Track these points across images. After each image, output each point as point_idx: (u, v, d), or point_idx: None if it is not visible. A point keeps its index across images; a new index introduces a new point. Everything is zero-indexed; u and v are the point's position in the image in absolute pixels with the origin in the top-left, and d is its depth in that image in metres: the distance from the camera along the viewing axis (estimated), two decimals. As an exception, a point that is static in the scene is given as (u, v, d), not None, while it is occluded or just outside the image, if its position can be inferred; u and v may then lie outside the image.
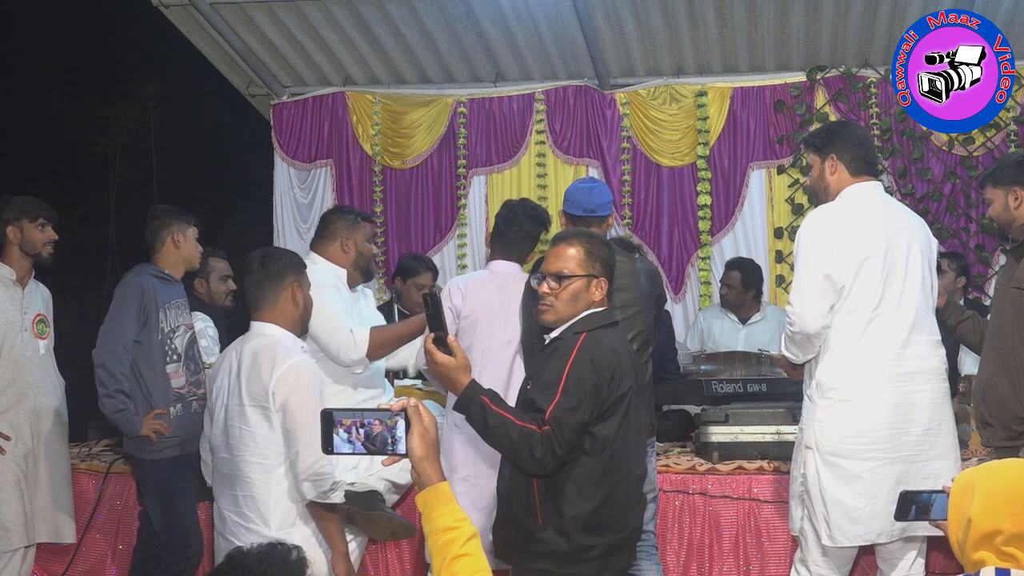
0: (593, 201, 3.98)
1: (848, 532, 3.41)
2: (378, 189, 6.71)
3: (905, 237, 3.56)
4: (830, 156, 3.62)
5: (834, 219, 3.55)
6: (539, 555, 2.86)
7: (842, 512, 3.41)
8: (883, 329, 3.45)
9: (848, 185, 3.59)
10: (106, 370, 3.96)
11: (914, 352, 3.48)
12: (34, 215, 4.27)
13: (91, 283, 10.81)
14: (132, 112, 11.52)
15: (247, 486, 3.31)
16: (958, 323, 3.89)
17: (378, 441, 2.08)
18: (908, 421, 3.42)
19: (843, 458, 3.40)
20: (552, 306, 2.94)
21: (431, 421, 2.10)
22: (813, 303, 3.45)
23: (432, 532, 2.06)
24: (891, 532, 3.42)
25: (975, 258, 6.05)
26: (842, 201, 3.59)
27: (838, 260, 3.45)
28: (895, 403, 3.41)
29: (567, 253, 2.98)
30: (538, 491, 2.84)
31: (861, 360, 3.43)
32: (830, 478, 3.42)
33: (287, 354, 3.30)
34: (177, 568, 4.06)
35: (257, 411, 3.29)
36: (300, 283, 3.44)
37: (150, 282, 4.10)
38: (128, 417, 3.97)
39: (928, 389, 3.48)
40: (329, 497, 3.25)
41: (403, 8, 5.94)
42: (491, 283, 3.97)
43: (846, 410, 3.42)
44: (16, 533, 4.18)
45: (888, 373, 3.43)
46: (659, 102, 6.42)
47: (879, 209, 3.60)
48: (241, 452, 3.32)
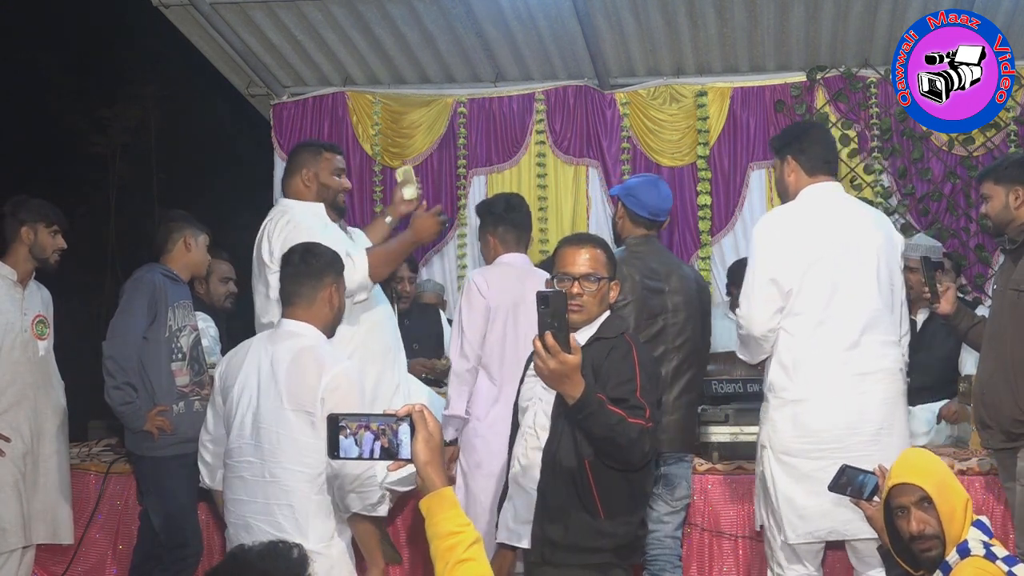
0: (665, 207, 4.02)
1: (798, 529, 3.46)
2: (378, 189, 6.71)
3: (861, 237, 3.56)
4: (787, 158, 3.68)
5: (785, 221, 3.59)
6: (601, 549, 2.88)
7: (792, 510, 3.45)
8: (833, 330, 3.47)
9: (805, 186, 3.63)
10: (115, 362, 3.98)
11: (866, 353, 3.48)
12: (50, 220, 4.29)
13: (91, 283, 10.80)
14: (132, 112, 11.52)
15: (285, 494, 3.16)
16: (969, 328, 3.88)
17: (383, 445, 2.08)
18: (859, 421, 3.43)
19: (793, 457, 3.46)
20: (584, 306, 2.99)
21: (436, 426, 2.10)
22: (759, 306, 3.50)
23: (435, 537, 2.06)
24: (842, 531, 3.45)
25: (975, 258, 6.05)
26: (797, 202, 3.63)
27: (785, 264, 3.48)
28: (845, 403, 3.43)
29: (593, 254, 3.04)
30: (595, 484, 2.86)
31: (811, 361, 3.46)
32: (782, 476, 3.48)
33: (334, 359, 3.21)
34: (177, 568, 4.07)
35: (301, 416, 3.16)
36: (339, 285, 3.34)
37: (160, 280, 4.14)
38: (134, 410, 3.99)
39: (880, 390, 3.48)
40: (376, 510, 3.13)
41: (403, 8, 5.93)
42: (511, 275, 4.00)
43: (797, 410, 3.46)
44: (14, 534, 4.17)
45: (838, 373, 3.45)
46: (659, 102, 6.42)
47: (835, 209, 3.62)
48: (278, 458, 3.18)
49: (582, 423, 2.74)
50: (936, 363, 4.89)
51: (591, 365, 2.87)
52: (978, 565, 2.61)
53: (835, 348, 3.46)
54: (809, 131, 3.80)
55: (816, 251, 3.50)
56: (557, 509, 2.90)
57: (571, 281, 3.00)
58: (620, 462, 2.79)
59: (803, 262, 3.49)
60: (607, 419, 2.70)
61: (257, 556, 2.04)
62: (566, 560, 2.89)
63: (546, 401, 3.02)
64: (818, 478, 3.38)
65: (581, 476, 2.86)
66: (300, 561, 2.01)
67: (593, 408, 2.69)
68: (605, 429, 2.71)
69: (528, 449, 3.05)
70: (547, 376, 2.65)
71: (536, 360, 2.65)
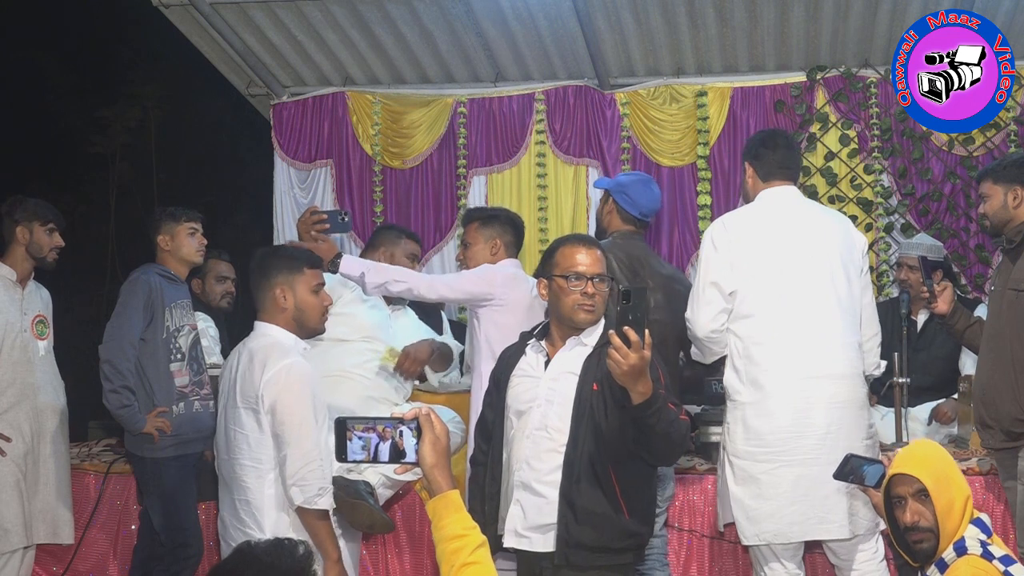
0: (656, 208, 4.07)
1: (747, 531, 3.49)
2: (378, 189, 6.71)
3: (816, 239, 3.57)
4: (746, 164, 3.76)
5: (732, 224, 3.62)
6: (627, 549, 2.91)
7: (742, 511, 3.49)
8: (782, 333, 3.48)
9: (761, 190, 3.66)
10: (112, 366, 3.98)
11: (817, 356, 3.47)
12: (45, 219, 4.29)
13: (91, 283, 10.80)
14: (132, 112, 11.50)
15: (242, 490, 3.26)
16: (965, 328, 3.88)
17: (390, 449, 2.10)
18: (805, 425, 3.44)
19: (742, 459, 3.49)
20: (596, 307, 3.02)
21: (443, 430, 2.12)
22: (700, 309, 3.55)
23: (441, 540, 2.08)
24: (788, 534, 3.46)
25: (975, 258, 6.05)
26: (749, 206, 3.67)
27: (729, 267, 3.51)
28: (793, 407, 3.44)
29: (597, 256, 3.07)
30: (618, 484, 2.87)
31: (760, 364, 3.47)
32: (732, 478, 3.51)
33: (280, 356, 3.23)
34: (177, 567, 4.07)
35: (249, 413, 3.24)
36: (291, 283, 3.33)
37: (157, 281, 4.12)
38: (132, 414, 3.98)
39: (828, 394, 3.46)
40: (316, 503, 3.16)
41: (403, 8, 5.93)
42: (521, 276, 4.03)
43: (747, 413, 3.48)
44: (15, 534, 4.18)
45: (785, 377, 3.45)
46: (659, 102, 6.42)
47: (788, 212, 3.63)
48: (236, 455, 3.28)
49: (648, 419, 2.74)
50: (936, 363, 4.90)
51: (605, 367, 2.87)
52: (974, 564, 2.62)
53: (783, 351, 3.47)
54: (767, 138, 3.82)
55: (765, 254, 3.52)
56: (584, 511, 2.89)
57: (585, 281, 2.99)
58: (666, 458, 2.87)
59: (749, 265, 3.50)
60: (669, 415, 2.75)
61: (263, 551, 2.07)
62: (592, 562, 2.90)
63: (557, 403, 3.00)
64: (766, 481, 3.43)
65: (605, 476, 2.87)
66: (305, 557, 2.03)
67: (660, 404, 2.72)
68: (667, 425, 2.75)
69: (541, 452, 3.01)
70: (625, 371, 2.64)
71: (613, 355, 2.63)
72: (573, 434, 2.93)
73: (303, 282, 3.36)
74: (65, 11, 11.27)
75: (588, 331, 3.01)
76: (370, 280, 3.84)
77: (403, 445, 2.10)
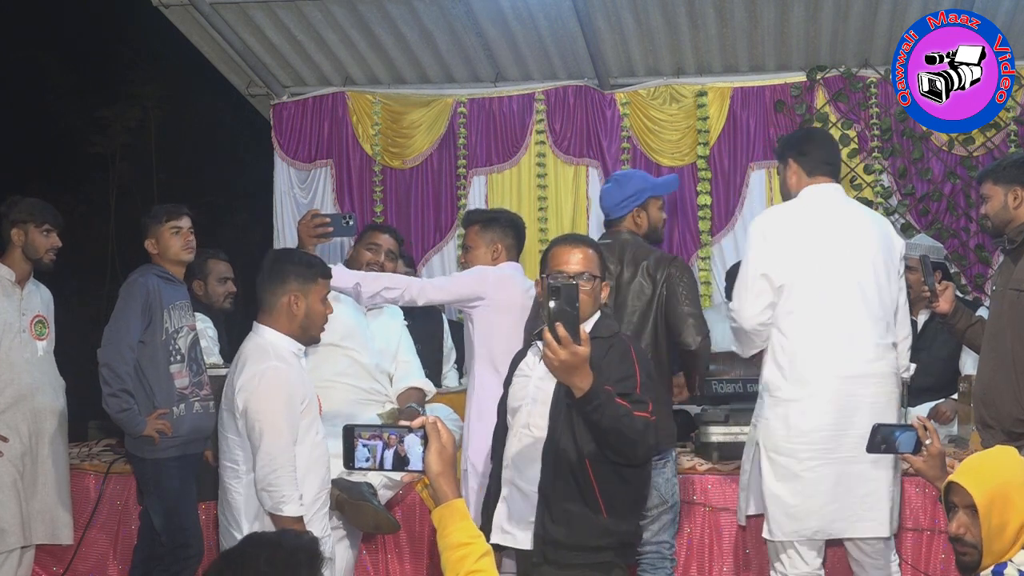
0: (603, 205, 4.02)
1: (784, 527, 3.49)
2: (378, 189, 6.71)
3: (858, 239, 3.57)
4: (788, 160, 3.71)
5: (780, 218, 3.61)
6: (604, 547, 2.90)
7: (780, 508, 3.48)
8: (826, 331, 3.48)
9: (805, 186, 3.64)
10: (111, 369, 3.97)
11: (860, 355, 3.49)
12: (40, 220, 4.27)
13: (91, 283, 10.81)
14: (132, 112, 11.50)
15: (225, 491, 3.28)
16: (966, 328, 3.88)
17: (397, 456, 2.12)
18: (848, 423, 3.44)
19: (783, 456, 3.48)
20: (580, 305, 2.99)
21: (449, 438, 2.14)
22: (749, 300, 3.52)
23: (446, 548, 2.10)
24: (828, 531, 3.48)
25: (975, 258, 6.05)
26: (795, 201, 3.65)
27: (778, 260, 3.50)
28: (836, 405, 3.45)
29: (587, 254, 3.07)
30: (596, 482, 2.86)
31: (804, 361, 3.48)
32: (771, 474, 3.50)
33: (259, 359, 3.20)
34: (177, 568, 4.07)
35: (230, 416, 3.24)
36: (304, 292, 3.29)
37: (155, 282, 4.10)
38: (132, 417, 3.97)
39: (870, 393, 3.48)
40: (280, 510, 3.11)
41: (403, 8, 5.93)
42: (517, 278, 4.02)
43: (789, 410, 3.48)
44: (12, 534, 4.18)
45: (831, 375, 3.46)
46: (659, 102, 6.42)
47: (833, 210, 3.63)
48: (222, 457, 3.31)
49: (591, 415, 2.74)
50: (937, 363, 4.89)
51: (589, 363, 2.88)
52: None
53: (827, 349, 3.47)
54: (810, 134, 3.84)
55: (811, 250, 3.51)
56: (560, 508, 2.90)
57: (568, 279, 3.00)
58: (626, 456, 2.80)
59: (796, 259, 3.50)
60: (615, 411, 2.72)
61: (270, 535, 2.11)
62: (569, 560, 2.90)
63: (540, 401, 3.02)
64: (808, 478, 3.43)
65: (582, 474, 2.86)
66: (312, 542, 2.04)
67: (602, 399, 2.70)
68: (613, 421, 2.72)
69: (525, 449, 3.05)
70: (557, 367, 2.65)
71: (546, 351, 2.64)
72: (551, 432, 2.95)
73: (316, 292, 3.33)
74: (65, 11, 11.27)
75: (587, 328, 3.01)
76: (365, 290, 3.81)
77: (409, 453, 2.11)
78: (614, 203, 3.93)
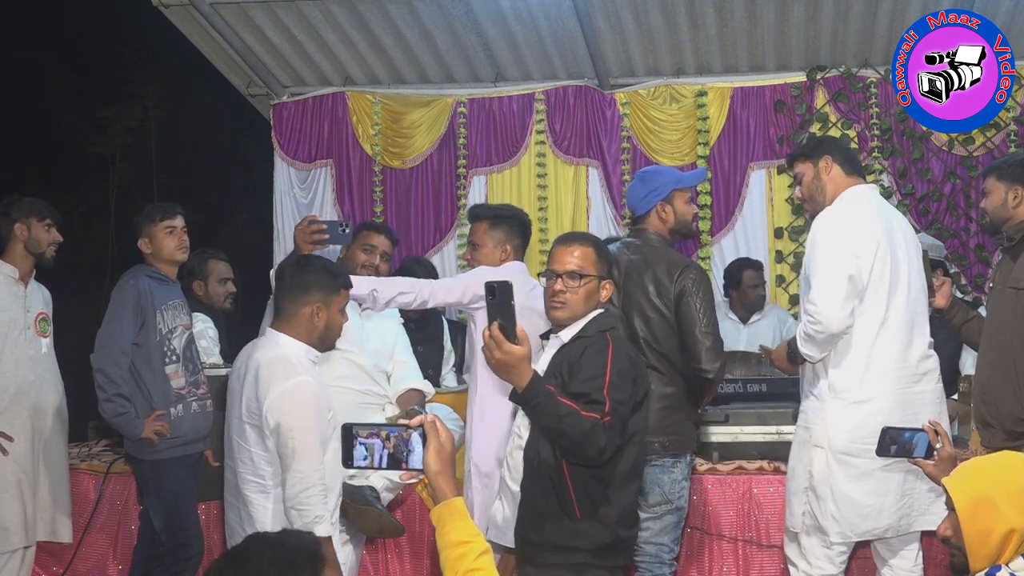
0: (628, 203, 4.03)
1: (858, 528, 3.51)
2: (378, 189, 6.71)
3: (901, 238, 3.61)
4: (823, 158, 3.69)
5: (848, 220, 3.58)
6: (577, 549, 2.87)
7: (854, 509, 3.49)
8: (892, 330, 3.52)
9: (846, 186, 3.64)
10: (105, 375, 3.94)
11: (917, 353, 3.56)
12: (42, 215, 4.29)
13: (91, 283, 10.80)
14: (132, 112, 11.52)
15: (246, 503, 3.22)
16: (963, 323, 3.90)
17: (395, 455, 2.11)
18: (914, 420, 3.44)
19: (855, 457, 3.47)
20: (567, 303, 2.99)
21: (448, 437, 2.13)
22: (838, 303, 3.47)
23: (445, 546, 2.09)
24: (897, 527, 3.52)
25: (975, 258, 6.05)
26: (848, 202, 3.62)
27: (857, 261, 3.49)
28: (904, 403, 3.49)
29: (583, 252, 3.05)
30: (572, 484, 2.85)
31: (874, 361, 3.50)
32: (841, 476, 3.49)
33: (287, 374, 3.15)
34: (177, 568, 4.06)
35: (254, 430, 3.18)
36: (327, 303, 3.25)
37: (146, 284, 4.08)
38: (129, 420, 3.95)
39: (931, 389, 3.57)
40: (312, 529, 3.05)
41: (403, 8, 5.94)
42: (520, 278, 3.99)
43: (860, 411, 3.48)
44: (16, 533, 4.17)
45: (896, 374, 3.51)
46: (659, 102, 6.42)
47: (883, 210, 3.68)
48: (239, 468, 3.24)
49: (529, 414, 2.77)
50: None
51: (567, 362, 2.90)
52: None
53: (895, 348, 3.51)
54: (835, 138, 3.84)
55: (876, 251, 3.51)
56: (535, 508, 2.92)
57: (554, 278, 3.01)
58: (576, 455, 2.78)
59: (869, 261, 3.50)
60: (555, 410, 2.70)
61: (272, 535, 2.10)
62: (545, 559, 2.91)
63: None
64: (881, 476, 3.47)
65: (559, 476, 2.86)
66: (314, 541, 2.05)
67: (540, 399, 2.70)
68: (553, 420, 2.72)
69: (514, 449, 3.08)
70: (494, 366, 2.66)
71: (483, 351, 2.66)
72: (532, 434, 2.95)
73: (337, 303, 3.30)
74: (65, 11, 11.28)
75: (569, 327, 3.01)
76: (381, 296, 3.80)
77: (407, 452, 2.11)
78: (638, 199, 3.88)
